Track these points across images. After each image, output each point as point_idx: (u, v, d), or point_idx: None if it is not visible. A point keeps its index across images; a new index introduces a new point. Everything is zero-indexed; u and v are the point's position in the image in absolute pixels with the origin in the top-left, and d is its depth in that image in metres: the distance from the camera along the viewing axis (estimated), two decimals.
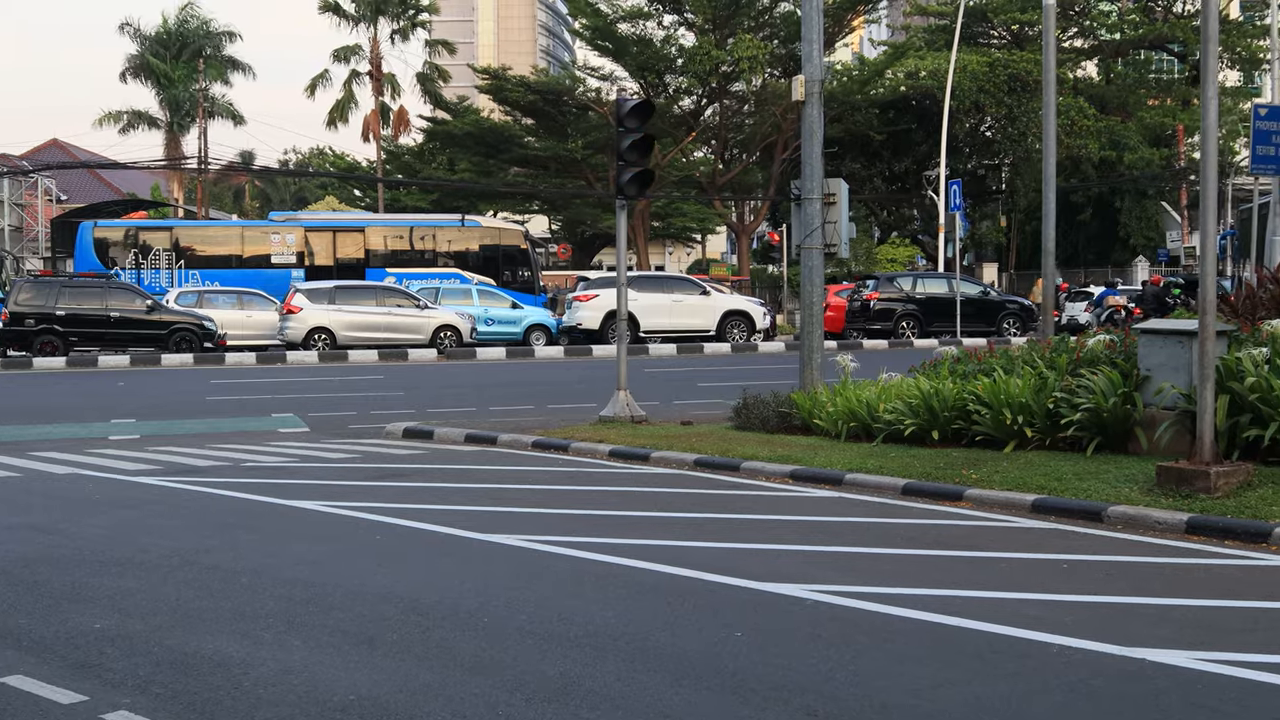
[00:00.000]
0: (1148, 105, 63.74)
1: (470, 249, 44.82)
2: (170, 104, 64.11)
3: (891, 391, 15.47)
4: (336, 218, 51.14)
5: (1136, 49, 66.01)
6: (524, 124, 59.94)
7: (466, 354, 34.53)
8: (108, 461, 15.41)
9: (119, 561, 9.66)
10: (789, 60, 51.91)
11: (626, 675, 6.79)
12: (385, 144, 69.60)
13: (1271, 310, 14.94)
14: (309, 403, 22.43)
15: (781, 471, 13.52)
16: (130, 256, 42.18)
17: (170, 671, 6.90)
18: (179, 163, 62.79)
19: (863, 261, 52.61)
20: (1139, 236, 61.09)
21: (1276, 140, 17.14)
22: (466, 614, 8.00)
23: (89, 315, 33.68)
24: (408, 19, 66.44)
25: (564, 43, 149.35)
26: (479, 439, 17.10)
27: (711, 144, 57.39)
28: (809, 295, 17.35)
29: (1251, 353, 12.25)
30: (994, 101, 54.80)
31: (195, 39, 65.16)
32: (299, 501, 12.14)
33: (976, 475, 12.39)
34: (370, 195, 75.10)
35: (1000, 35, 64.69)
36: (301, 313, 35.13)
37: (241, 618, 7.96)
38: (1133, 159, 57.59)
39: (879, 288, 40.05)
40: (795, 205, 17.44)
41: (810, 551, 10.00)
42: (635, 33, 54.38)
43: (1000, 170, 61.61)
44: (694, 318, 37.43)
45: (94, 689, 6.61)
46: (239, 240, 44.32)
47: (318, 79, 66.29)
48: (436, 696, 6.41)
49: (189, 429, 19.08)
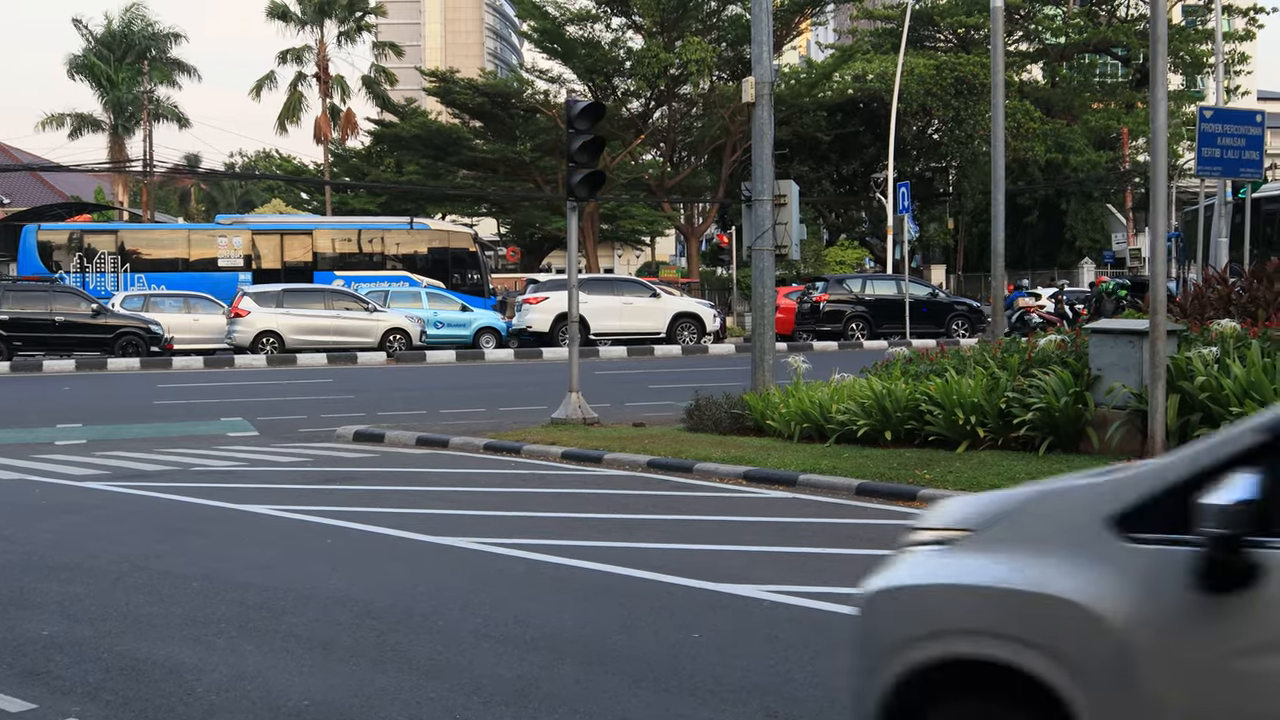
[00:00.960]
0: (1092, 109, 64.29)
1: (419, 252, 44.62)
2: (114, 106, 63.45)
3: (844, 392, 15.50)
4: (284, 220, 50.79)
5: (1081, 53, 66.59)
6: (472, 126, 59.76)
7: (416, 357, 34.37)
8: (54, 467, 15.22)
9: (67, 567, 9.53)
10: (737, 63, 51.99)
11: (584, 677, 6.75)
12: (333, 146, 69.19)
13: (1219, 310, 15.08)
14: (258, 406, 22.24)
15: (735, 473, 13.51)
16: (75, 260, 41.71)
17: (121, 678, 6.81)
18: (124, 166, 62.19)
19: (812, 264, 52.79)
20: (1085, 238, 61.61)
21: (1222, 142, 17.30)
22: (421, 617, 7.93)
23: (33, 319, 33.26)
24: (354, 21, 66.10)
25: (511, 45, 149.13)
26: (430, 442, 17.01)
27: (660, 146, 57.42)
28: (760, 297, 17.36)
29: (1201, 352, 12.36)
30: (941, 104, 55.14)
31: (140, 41, 64.53)
32: (250, 506, 12.03)
33: (930, 475, 12.42)
34: (318, 198, 74.65)
35: (946, 39, 65.09)
36: (249, 316, 34.84)
37: (193, 623, 7.86)
38: (1078, 162, 58.08)
39: (828, 290, 40.16)
40: (746, 207, 17.45)
41: (766, 552, 9.99)
42: (583, 35, 54.33)
43: (947, 173, 62.00)
44: (644, 320, 37.41)
45: (42, 696, 6.51)
46: (185, 243, 43.93)
47: (263, 81, 65.87)
48: (393, 701, 6.35)
49: (136, 433, 18.87)
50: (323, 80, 65.32)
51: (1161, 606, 3.47)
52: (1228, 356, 12.36)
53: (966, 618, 3.91)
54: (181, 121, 65.93)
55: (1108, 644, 3.53)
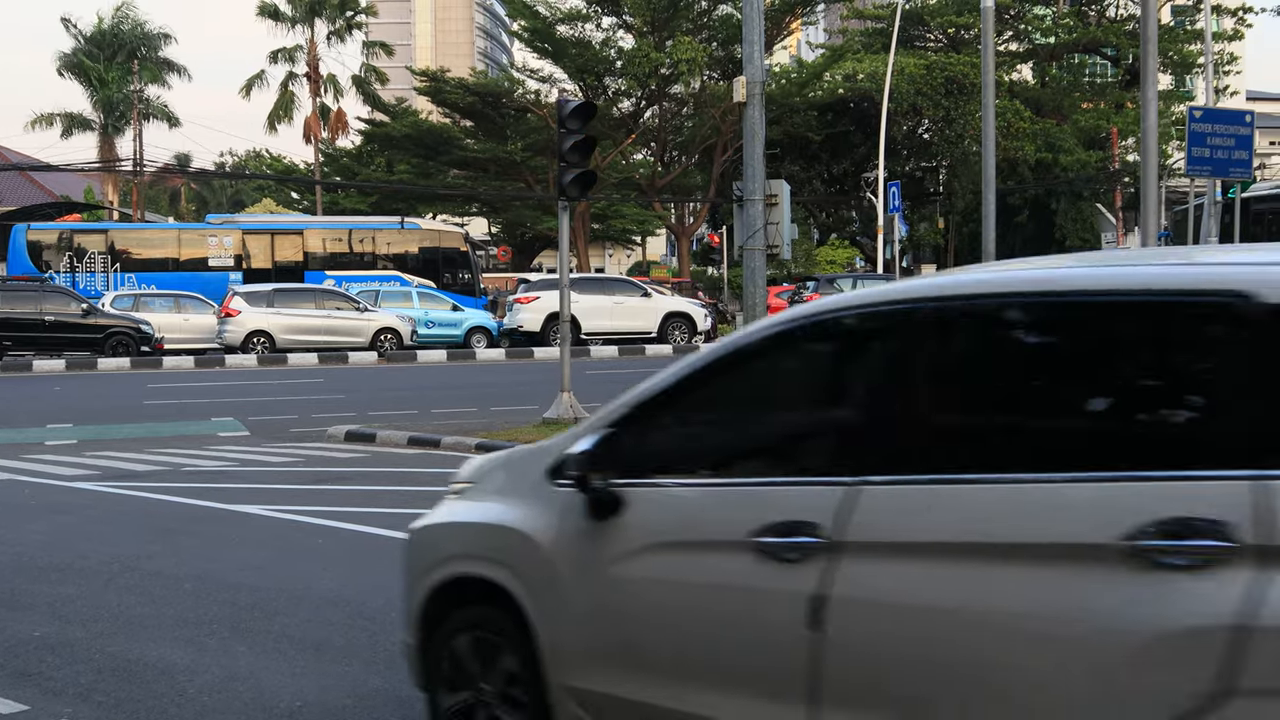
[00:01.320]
0: (1082, 108, 64.32)
1: (410, 251, 44.58)
2: (104, 106, 63.32)
3: None
4: (274, 220, 50.72)
5: (1071, 53, 66.62)
6: (463, 126, 59.74)
7: (407, 357, 34.35)
8: (44, 467, 15.20)
9: (58, 568, 9.52)
10: (728, 63, 52.03)
11: None
12: (323, 146, 69.11)
13: None
14: (249, 406, 22.22)
15: None
16: (65, 260, 41.63)
17: (113, 679, 6.80)
18: (114, 165, 62.06)
19: (802, 263, 52.81)
20: (1075, 238, 61.63)
21: (1211, 142, 17.37)
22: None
23: (23, 319, 33.20)
24: (344, 20, 66.03)
25: (502, 45, 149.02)
26: (422, 442, 17.00)
27: (651, 146, 57.45)
28: (752, 296, 17.35)
29: None
30: (931, 104, 55.18)
31: (130, 40, 64.39)
32: (241, 506, 12.01)
33: None
34: (308, 198, 74.54)
35: (936, 38, 65.12)
36: (240, 316, 34.81)
37: (185, 624, 7.86)
38: (1068, 161, 58.13)
39: (819, 289, 40.19)
40: (738, 206, 17.46)
41: None
42: (574, 35, 54.34)
43: (938, 172, 62.07)
44: (635, 320, 37.41)
45: (34, 698, 6.50)
46: (176, 243, 43.85)
47: (253, 80, 65.75)
48: (387, 702, 6.34)
49: (127, 433, 18.84)
50: (313, 80, 65.24)
51: (570, 531, 4.72)
52: None
53: (463, 546, 5.31)
54: (172, 121, 65.83)
55: (539, 559, 4.81)
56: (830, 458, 4.27)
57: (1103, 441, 3.71)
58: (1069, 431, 3.82)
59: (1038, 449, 3.82)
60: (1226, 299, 3.50)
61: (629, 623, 4.56)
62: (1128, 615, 3.38)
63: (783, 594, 4.06)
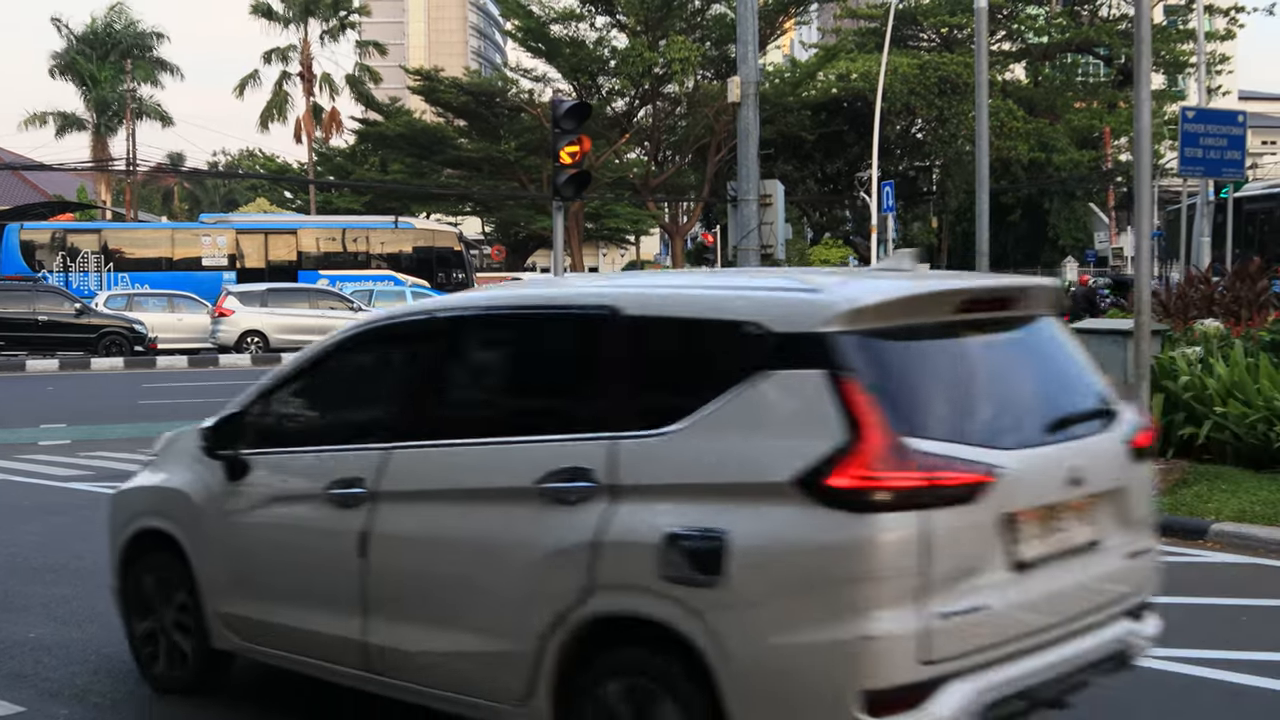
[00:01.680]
0: (1075, 108, 64.42)
1: (404, 251, 44.61)
2: (97, 105, 63.19)
3: None
4: (268, 220, 50.74)
5: (1063, 52, 66.70)
6: (457, 125, 59.67)
7: None
8: (38, 467, 15.18)
9: (53, 568, 9.52)
10: (721, 62, 52.01)
11: None
12: (317, 145, 69.05)
13: (1203, 310, 15.17)
14: None
15: None
16: (58, 259, 41.61)
17: (109, 680, 6.81)
18: (106, 164, 61.98)
19: (796, 263, 52.69)
20: (1067, 237, 61.78)
21: (1204, 143, 17.38)
22: None
23: (16, 319, 33.13)
24: (338, 20, 65.97)
25: (495, 44, 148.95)
26: None
27: (645, 145, 57.42)
28: None
29: (1185, 352, 12.41)
30: (924, 104, 55.21)
31: (123, 40, 64.27)
32: None
33: None
34: (302, 197, 74.50)
35: (930, 38, 65.17)
36: (233, 315, 34.76)
37: None
38: (1061, 161, 58.21)
39: None
40: (732, 206, 17.45)
41: None
42: (568, 34, 54.29)
43: (931, 172, 62.10)
44: None
45: (30, 699, 6.52)
46: (169, 243, 43.86)
47: (247, 79, 65.73)
48: None
49: (121, 434, 18.77)
50: (307, 79, 65.18)
51: (214, 490, 6.15)
52: (1211, 356, 12.41)
53: (146, 505, 6.68)
54: (165, 120, 65.74)
55: (194, 513, 6.23)
56: (375, 430, 5.70)
57: (523, 416, 5.28)
58: (505, 409, 5.47)
59: (487, 421, 5.39)
60: (602, 311, 5.00)
61: (249, 559, 6.00)
62: (540, 535, 4.80)
63: (342, 531, 5.50)
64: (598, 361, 4.98)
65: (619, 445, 4.67)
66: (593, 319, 5.02)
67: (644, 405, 4.76)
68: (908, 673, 4.18)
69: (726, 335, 4.61)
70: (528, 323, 5.48)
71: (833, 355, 4.33)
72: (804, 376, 4.35)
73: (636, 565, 4.48)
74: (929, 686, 4.22)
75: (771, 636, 4.25)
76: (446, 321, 5.67)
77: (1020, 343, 5.10)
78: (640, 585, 4.48)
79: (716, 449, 4.46)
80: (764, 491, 4.31)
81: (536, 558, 4.77)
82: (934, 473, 4.26)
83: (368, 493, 5.41)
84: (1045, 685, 4.60)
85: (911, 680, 4.19)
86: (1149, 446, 5.35)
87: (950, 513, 4.27)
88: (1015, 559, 4.49)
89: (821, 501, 4.21)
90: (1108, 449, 5.05)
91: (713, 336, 4.70)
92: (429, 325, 5.70)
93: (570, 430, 4.87)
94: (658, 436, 4.62)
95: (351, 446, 5.70)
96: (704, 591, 4.33)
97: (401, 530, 5.31)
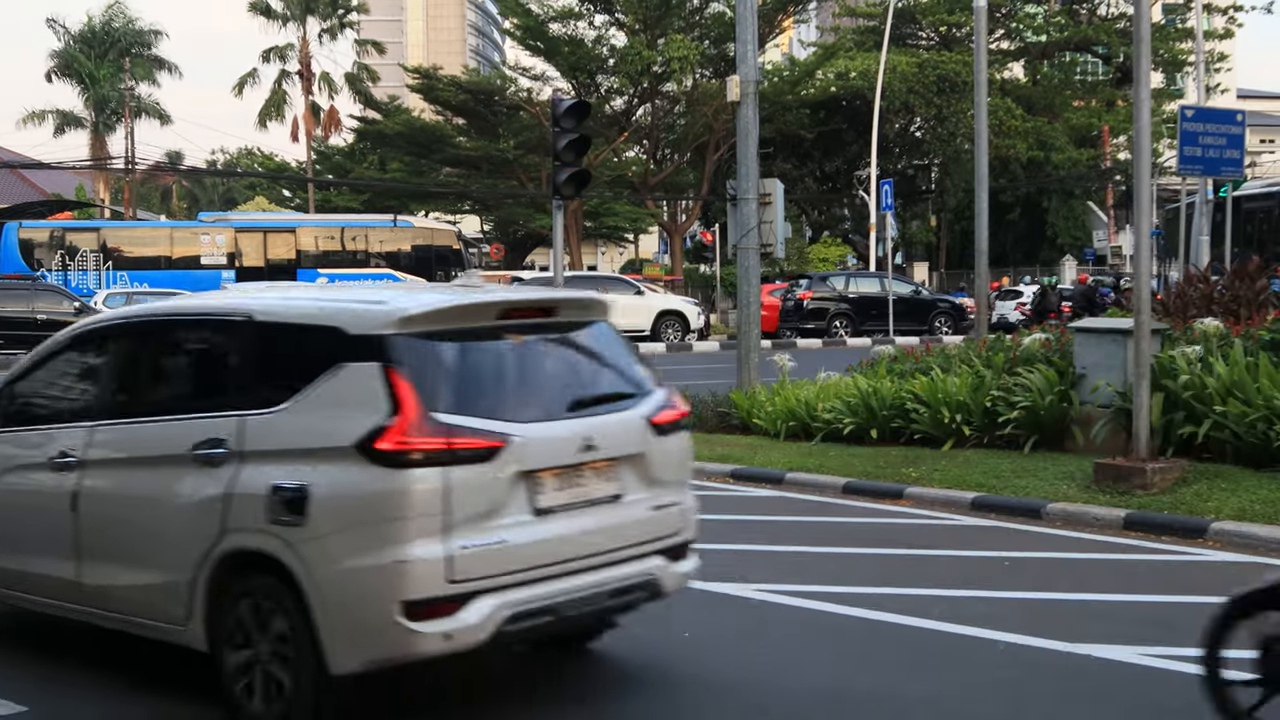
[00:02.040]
0: (1073, 106, 64.43)
1: (403, 249, 44.58)
2: (95, 103, 63.10)
3: (829, 391, 15.53)
4: (267, 218, 50.67)
5: (1062, 51, 66.71)
6: (455, 124, 59.61)
7: None
8: None
9: None
10: (720, 60, 51.98)
11: (580, 675, 6.78)
12: (316, 144, 68.98)
13: (1202, 309, 15.17)
14: None
15: (722, 471, 13.55)
16: (56, 258, 41.57)
17: (110, 679, 6.82)
18: (105, 163, 61.93)
19: (795, 261, 52.77)
20: (1066, 236, 61.80)
21: (1203, 141, 17.38)
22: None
23: (14, 317, 33.07)
24: (337, 18, 65.92)
25: (494, 43, 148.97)
26: None
27: (643, 144, 57.37)
28: (746, 295, 17.37)
29: (1185, 351, 12.42)
30: (923, 102, 55.22)
31: (121, 38, 64.20)
32: None
33: (916, 473, 12.47)
34: (300, 196, 74.44)
35: (929, 36, 65.17)
36: None
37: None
38: (1060, 159, 58.21)
39: (812, 287, 40.25)
40: (731, 205, 17.46)
41: (754, 551, 10.04)
42: (566, 33, 54.21)
43: (930, 170, 62.09)
44: (628, 318, 37.33)
45: (34, 698, 6.54)
46: (168, 241, 43.81)
47: (245, 78, 65.61)
48: None
49: None
50: (305, 77, 65.15)
51: None
52: (1211, 355, 12.42)
53: None
54: (163, 118, 65.66)
55: None
56: (84, 412, 6.88)
57: (184, 399, 6.64)
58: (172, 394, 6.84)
59: (159, 404, 6.67)
60: (239, 317, 6.39)
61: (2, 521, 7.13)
62: (193, 491, 6.06)
63: (60, 492, 6.69)
64: (237, 356, 6.37)
65: (245, 420, 6.01)
66: (234, 323, 6.43)
67: (265, 389, 6.06)
68: (437, 589, 5.48)
69: (321, 336, 5.97)
70: (189, 326, 6.96)
71: (384, 351, 5.69)
72: (366, 367, 5.70)
73: (253, 511, 5.80)
74: (459, 600, 5.52)
75: (342, 562, 5.53)
76: (132, 325, 7.10)
77: (562, 341, 6.48)
78: (255, 527, 5.79)
79: (308, 422, 5.80)
80: (335, 454, 5.64)
81: (190, 508, 6.06)
82: (454, 439, 5.57)
83: (78, 460, 6.67)
84: (569, 604, 5.86)
85: (442, 594, 5.48)
86: (675, 422, 6.54)
87: (470, 469, 5.60)
88: (536, 506, 5.81)
89: (372, 460, 5.54)
90: (626, 423, 6.28)
91: (313, 337, 6.05)
92: (120, 328, 7.12)
93: (215, 410, 6.20)
94: (271, 413, 5.94)
95: (68, 425, 6.90)
96: (294, 529, 5.63)
97: (100, 489, 6.57)
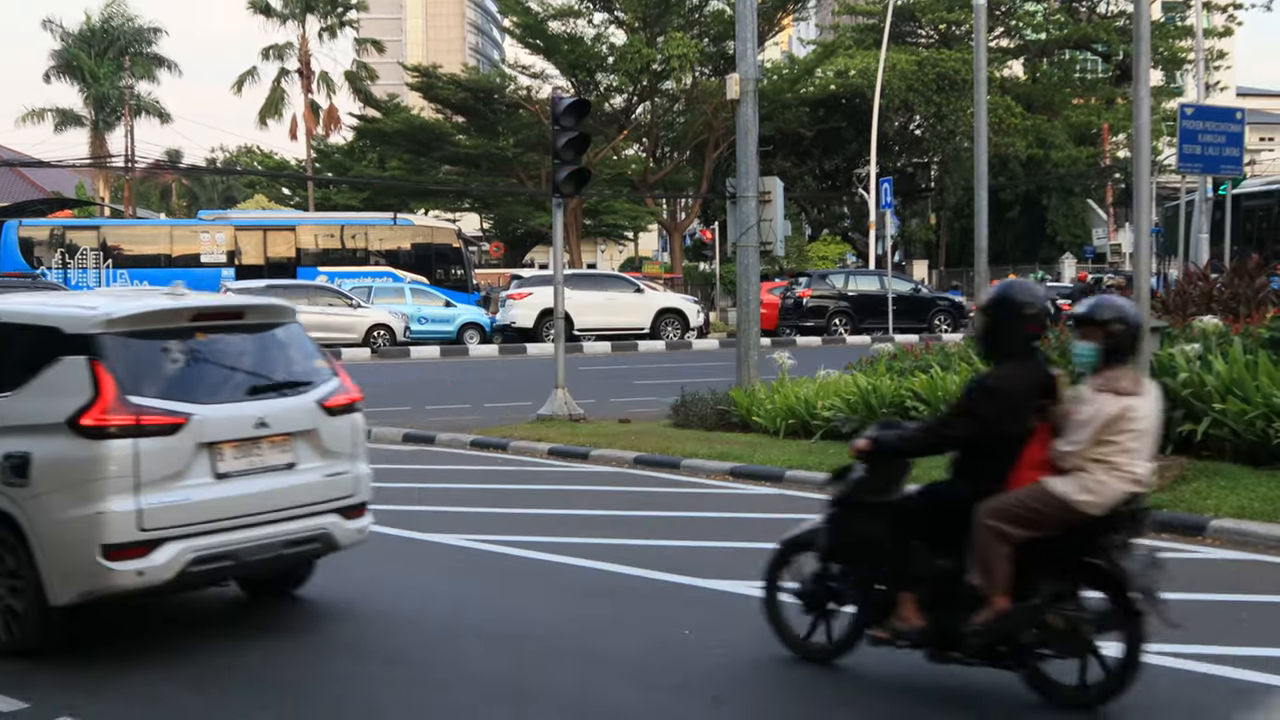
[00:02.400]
0: (1073, 104, 64.47)
1: (402, 247, 44.56)
2: (95, 101, 63.10)
3: (829, 389, 15.53)
4: (267, 216, 50.65)
5: (1061, 49, 66.77)
6: (455, 122, 59.61)
7: (400, 353, 34.35)
8: None
9: None
10: (719, 58, 52.01)
11: (579, 675, 6.81)
12: (315, 142, 68.97)
13: (1201, 306, 15.19)
14: None
15: (721, 469, 13.55)
16: (56, 256, 41.54)
17: (113, 679, 6.83)
18: (105, 161, 61.93)
19: (794, 259, 52.82)
20: (1066, 233, 61.80)
21: (1203, 139, 17.40)
22: (408, 615, 7.96)
23: None
24: (336, 17, 65.90)
25: (494, 41, 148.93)
26: (417, 438, 17.01)
27: (643, 142, 57.39)
28: (745, 293, 17.38)
29: (1184, 349, 12.43)
30: (923, 100, 55.24)
31: (121, 36, 64.20)
32: None
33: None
34: (300, 194, 74.44)
35: (928, 35, 65.22)
36: None
37: (173, 623, 7.88)
38: (1059, 157, 58.25)
39: (811, 285, 40.24)
40: (731, 203, 17.47)
41: (754, 549, 10.04)
42: (566, 31, 54.23)
43: (929, 168, 62.12)
44: (628, 315, 37.40)
45: (35, 694, 6.55)
46: (168, 239, 43.79)
47: (245, 76, 65.55)
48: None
49: None
50: (305, 76, 65.15)
51: None
52: (1210, 353, 12.43)
53: None
54: (162, 117, 65.64)
55: None
56: None
57: None
58: None
59: None
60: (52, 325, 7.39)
61: None
62: None
63: None
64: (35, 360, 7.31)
65: None
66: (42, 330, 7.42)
67: (7, 377, 7.35)
68: (130, 535, 6.84)
69: (45, 334, 7.31)
70: None
71: (91, 347, 7.07)
72: (77, 360, 7.07)
73: None
74: (149, 545, 6.89)
75: (57, 514, 6.88)
76: None
77: (248, 339, 7.83)
78: None
79: (34, 403, 7.16)
80: (52, 429, 7.01)
81: None
82: (143, 416, 6.97)
83: None
84: (246, 551, 7.23)
85: (133, 540, 6.85)
86: (346, 405, 7.89)
87: (156, 440, 6.98)
88: (217, 471, 7.19)
89: (78, 433, 6.93)
90: (300, 406, 7.66)
91: (40, 335, 7.34)
92: None
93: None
94: (6, 396, 7.29)
95: None
96: (20, 489, 7.00)
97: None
